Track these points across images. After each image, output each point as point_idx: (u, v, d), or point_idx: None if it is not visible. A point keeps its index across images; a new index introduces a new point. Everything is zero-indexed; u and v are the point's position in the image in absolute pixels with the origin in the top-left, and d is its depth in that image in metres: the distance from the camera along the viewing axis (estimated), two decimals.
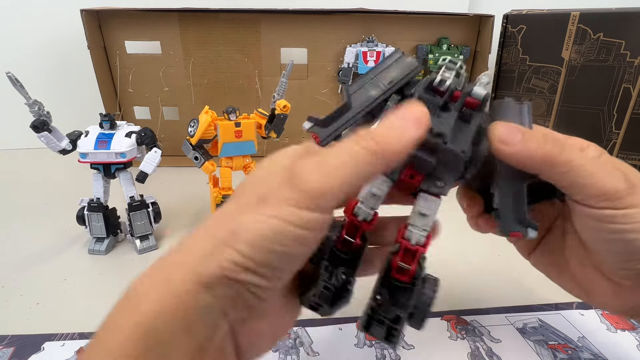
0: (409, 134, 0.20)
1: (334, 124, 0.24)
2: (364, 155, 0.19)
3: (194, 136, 0.52)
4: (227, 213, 0.21)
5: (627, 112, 0.69)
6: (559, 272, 0.29)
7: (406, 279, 0.24)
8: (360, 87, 0.25)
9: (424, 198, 0.25)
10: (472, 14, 0.78)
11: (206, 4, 0.73)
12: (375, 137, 0.19)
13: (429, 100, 0.23)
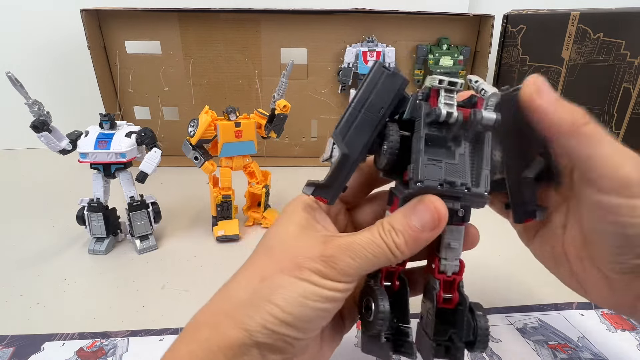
0: (426, 237, 0.23)
1: (337, 183, 0.24)
2: (384, 252, 0.23)
3: (194, 136, 0.52)
4: (262, 267, 0.24)
5: (627, 112, 0.69)
6: (557, 265, 0.29)
7: (450, 306, 0.26)
8: (350, 126, 0.24)
9: (450, 230, 0.25)
10: (472, 14, 0.78)
11: (206, 4, 0.73)
12: (395, 238, 0.23)
13: (436, 138, 0.23)
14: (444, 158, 0.23)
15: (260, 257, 0.25)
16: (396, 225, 0.23)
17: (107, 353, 0.36)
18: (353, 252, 0.23)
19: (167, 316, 0.42)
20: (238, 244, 0.55)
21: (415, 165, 0.22)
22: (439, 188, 0.22)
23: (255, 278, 0.23)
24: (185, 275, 0.48)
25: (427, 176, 0.22)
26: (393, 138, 0.23)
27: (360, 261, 0.23)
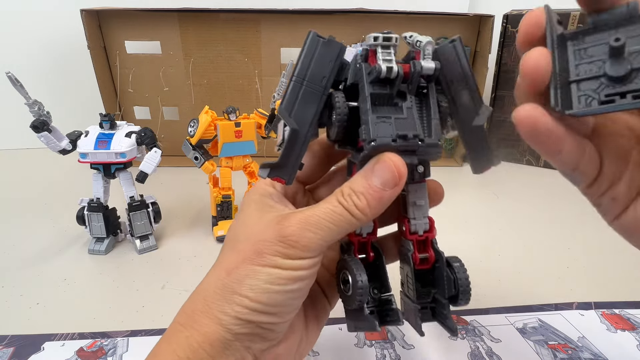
0: (388, 195, 0.22)
1: (291, 160, 0.24)
2: (345, 219, 0.22)
3: (194, 136, 0.52)
4: (228, 261, 0.24)
5: None
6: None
7: (427, 266, 0.26)
8: (295, 100, 0.23)
9: (413, 189, 0.26)
10: (472, 14, 0.78)
11: (206, 4, 0.73)
12: (356, 201, 0.22)
13: (381, 96, 0.23)
14: (393, 114, 0.23)
15: (226, 252, 0.25)
16: (356, 187, 0.22)
17: (107, 353, 0.36)
18: (313, 225, 0.22)
19: (167, 316, 0.41)
20: None
21: (365, 126, 0.22)
22: (393, 144, 0.22)
23: (222, 273, 0.23)
24: (185, 275, 0.48)
25: (379, 134, 0.22)
26: (340, 106, 0.23)
27: (322, 233, 0.22)
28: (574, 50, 0.20)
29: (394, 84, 0.23)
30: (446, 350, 0.36)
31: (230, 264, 0.23)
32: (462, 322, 0.40)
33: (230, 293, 0.22)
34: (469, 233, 0.57)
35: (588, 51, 0.19)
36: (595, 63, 0.19)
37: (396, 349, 0.36)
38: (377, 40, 0.22)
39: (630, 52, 0.18)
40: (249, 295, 0.22)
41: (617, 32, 0.18)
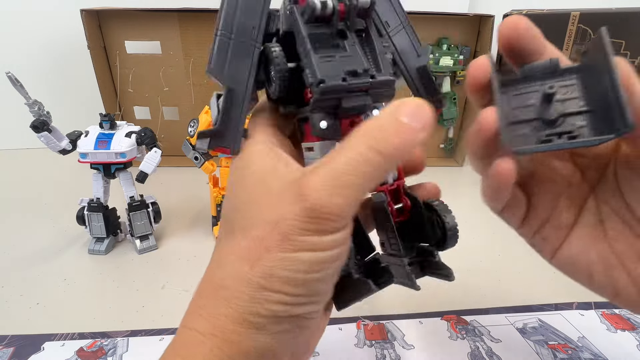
0: (419, 139, 0.18)
1: (231, 124, 0.21)
2: (374, 169, 0.18)
3: (194, 136, 0.52)
4: (244, 250, 0.19)
5: None
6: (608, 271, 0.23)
7: (406, 216, 0.24)
8: (225, 57, 0.21)
9: None
10: (472, 14, 0.78)
11: (206, 4, 0.73)
12: (389, 142, 0.18)
13: (320, 36, 0.21)
14: (336, 53, 0.21)
15: (235, 237, 0.20)
16: (387, 125, 0.18)
17: (107, 353, 0.36)
18: (342, 185, 0.18)
19: (167, 316, 0.42)
20: None
21: (310, 69, 0.20)
22: (343, 83, 0.20)
23: (242, 267, 0.19)
24: (185, 275, 0.48)
25: (326, 74, 0.20)
26: (277, 55, 0.21)
27: (354, 192, 0.18)
28: (511, 96, 0.21)
29: (331, 21, 0.21)
30: (446, 350, 0.36)
31: (249, 254, 0.19)
32: (462, 322, 0.40)
33: (260, 290, 0.19)
34: (469, 233, 0.57)
35: (521, 97, 0.21)
36: (528, 108, 0.21)
37: (396, 349, 0.36)
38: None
39: (557, 100, 0.20)
40: (285, 289, 0.18)
41: (544, 82, 0.21)
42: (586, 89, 0.20)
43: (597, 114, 0.19)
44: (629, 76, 0.19)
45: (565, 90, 0.20)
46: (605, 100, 0.19)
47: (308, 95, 0.22)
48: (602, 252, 0.24)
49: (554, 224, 0.25)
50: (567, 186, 0.25)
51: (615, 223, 0.24)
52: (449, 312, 0.41)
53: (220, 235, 0.22)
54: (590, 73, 0.20)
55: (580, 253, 0.24)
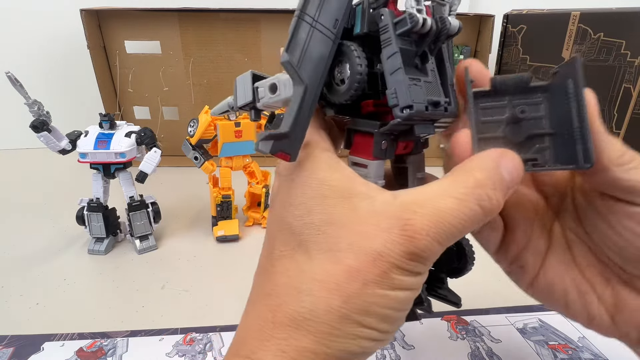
0: (511, 193, 0.19)
1: (299, 128, 0.18)
2: (471, 223, 0.18)
3: (194, 136, 0.52)
4: (333, 276, 0.18)
5: (628, 112, 0.68)
6: (581, 297, 0.24)
7: None
8: (303, 47, 0.18)
9: (414, 161, 0.23)
10: (473, 14, 0.78)
11: (206, 3, 0.73)
12: (492, 194, 0.18)
13: (406, 53, 0.19)
14: (421, 76, 0.19)
15: (315, 260, 0.18)
16: (488, 179, 0.18)
17: (107, 353, 0.36)
18: (445, 236, 0.17)
19: (167, 316, 0.41)
20: (238, 244, 0.55)
21: (398, 88, 0.18)
22: (426, 112, 0.19)
23: (333, 299, 0.17)
24: (185, 275, 0.48)
25: (414, 99, 0.18)
26: (361, 62, 0.18)
27: (451, 242, 0.18)
28: (481, 108, 0.21)
29: (422, 40, 0.19)
30: (446, 350, 0.36)
31: (342, 286, 0.17)
32: (462, 322, 0.40)
33: (353, 326, 0.17)
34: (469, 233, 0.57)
35: (490, 111, 0.21)
36: (497, 124, 0.21)
37: (396, 349, 0.36)
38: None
39: (526, 118, 0.20)
40: (379, 327, 0.18)
41: (513, 98, 0.20)
42: (552, 109, 0.20)
43: (561, 139, 0.20)
44: (595, 113, 0.19)
45: (533, 109, 0.20)
46: (569, 126, 0.19)
47: (369, 107, 0.20)
48: (575, 278, 0.24)
49: (531, 251, 0.25)
50: (535, 212, 0.25)
51: (580, 249, 0.24)
52: (449, 312, 0.41)
53: (282, 249, 0.19)
54: (558, 95, 0.20)
55: (555, 280, 0.24)
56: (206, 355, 0.36)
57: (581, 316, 0.24)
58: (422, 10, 0.18)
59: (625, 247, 0.21)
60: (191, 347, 0.37)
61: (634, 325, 0.23)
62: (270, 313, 0.18)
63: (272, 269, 0.20)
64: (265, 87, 0.21)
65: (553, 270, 0.25)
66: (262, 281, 0.20)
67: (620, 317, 0.23)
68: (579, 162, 0.19)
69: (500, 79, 0.21)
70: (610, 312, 0.23)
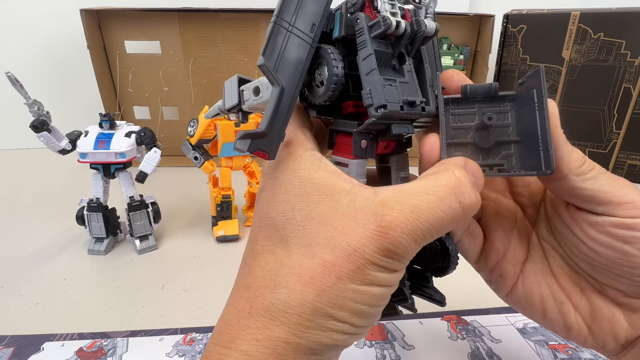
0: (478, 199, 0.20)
1: (275, 128, 0.19)
2: (451, 220, 0.18)
3: (194, 136, 0.52)
4: (312, 274, 0.18)
5: (628, 112, 0.68)
6: (559, 306, 0.24)
7: None
8: (280, 50, 0.19)
9: (397, 160, 0.23)
10: (473, 14, 0.78)
11: (206, 3, 0.73)
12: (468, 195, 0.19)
13: (382, 55, 0.19)
14: (396, 77, 0.20)
15: (293, 255, 0.18)
16: (465, 177, 0.19)
17: (107, 353, 0.36)
18: (422, 234, 0.18)
19: (167, 316, 0.41)
20: (238, 244, 0.55)
21: (372, 88, 0.19)
22: (401, 112, 0.19)
23: (307, 292, 0.18)
24: (185, 275, 0.48)
25: (388, 99, 0.19)
26: (337, 64, 0.19)
27: (429, 240, 0.18)
28: (452, 114, 0.22)
29: (398, 42, 0.20)
30: (446, 350, 0.36)
31: (316, 279, 0.18)
32: (462, 322, 0.40)
33: (327, 319, 0.18)
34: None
35: (460, 117, 0.22)
36: (466, 130, 0.22)
37: (396, 349, 0.36)
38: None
39: (494, 126, 0.21)
40: (352, 321, 0.18)
41: (482, 105, 0.21)
42: (518, 118, 0.21)
43: (525, 146, 0.21)
44: (556, 122, 0.20)
45: (500, 117, 0.21)
46: (533, 134, 0.20)
47: (349, 108, 0.21)
48: (552, 287, 0.24)
49: (510, 260, 0.26)
50: (514, 222, 0.26)
51: (555, 259, 0.25)
52: (449, 313, 0.41)
53: (264, 244, 0.20)
54: (523, 104, 0.21)
55: (533, 289, 0.25)
56: None
57: (558, 326, 0.24)
58: (397, 13, 0.19)
59: (591, 256, 0.22)
60: (191, 347, 0.37)
61: (610, 335, 0.23)
62: (247, 304, 0.19)
63: (253, 262, 0.20)
64: (249, 89, 0.21)
65: (531, 279, 0.25)
66: (243, 275, 0.21)
67: (596, 327, 0.23)
68: (541, 168, 0.20)
69: (471, 87, 0.22)
70: (587, 321, 0.24)
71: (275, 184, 0.20)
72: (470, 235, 0.26)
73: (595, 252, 0.22)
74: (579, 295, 0.24)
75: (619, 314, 0.23)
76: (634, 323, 0.22)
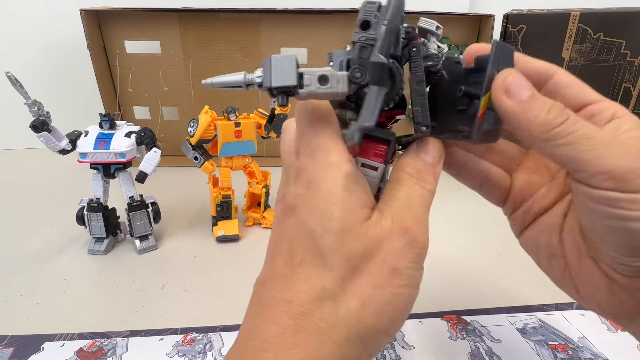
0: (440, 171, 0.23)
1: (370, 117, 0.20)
2: (429, 201, 0.22)
3: (194, 136, 0.52)
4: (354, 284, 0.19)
5: None
6: (550, 258, 0.25)
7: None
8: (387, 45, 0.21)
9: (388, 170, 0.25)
10: (472, 14, 0.78)
11: (206, 3, 0.73)
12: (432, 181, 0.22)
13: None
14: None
15: (333, 269, 0.19)
16: (421, 167, 0.22)
17: (107, 353, 0.36)
18: (423, 216, 0.21)
19: (167, 316, 0.41)
20: (238, 244, 0.55)
21: (423, 110, 0.22)
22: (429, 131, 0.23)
23: (353, 303, 0.19)
24: (185, 275, 0.48)
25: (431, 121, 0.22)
26: (402, 86, 0.22)
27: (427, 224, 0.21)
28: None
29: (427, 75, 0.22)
30: (446, 350, 0.36)
31: (362, 290, 0.19)
32: (462, 322, 0.40)
33: (369, 332, 0.19)
34: (469, 233, 0.57)
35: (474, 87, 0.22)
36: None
37: (396, 349, 0.36)
38: (432, 27, 0.22)
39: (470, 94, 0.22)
40: (390, 330, 0.20)
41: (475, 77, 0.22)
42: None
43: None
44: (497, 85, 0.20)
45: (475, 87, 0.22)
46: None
47: (381, 117, 0.23)
48: (552, 239, 0.25)
49: (526, 209, 0.27)
50: (551, 179, 0.26)
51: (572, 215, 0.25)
52: (449, 312, 0.41)
53: (303, 255, 0.20)
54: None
55: (539, 237, 0.26)
56: (206, 355, 0.36)
57: (551, 276, 0.26)
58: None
59: (585, 225, 0.22)
60: (191, 347, 0.37)
61: (595, 303, 0.24)
62: (292, 320, 0.19)
63: (292, 275, 0.20)
64: (313, 75, 0.21)
65: (539, 227, 0.26)
66: (280, 287, 0.20)
67: (583, 290, 0.24)
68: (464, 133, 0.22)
69: (482, 57, 0.22)
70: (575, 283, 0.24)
71: (315, 192, 0.20)
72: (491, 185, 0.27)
73: (589, 222, 0.21)
74: (575, 257, 0.24)
75: (603, 283, 0.22)
76: (617, 295, 0.22)
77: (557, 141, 0.19)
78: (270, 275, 0.21)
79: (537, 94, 0.20)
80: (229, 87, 0.22)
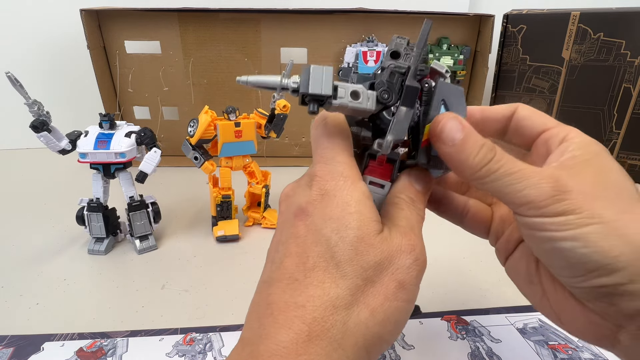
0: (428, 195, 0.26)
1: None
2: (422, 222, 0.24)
3: (194, 136, 0.52)
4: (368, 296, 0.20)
5: (628, 112, 0.68)
6: (529, 284, 0.25)
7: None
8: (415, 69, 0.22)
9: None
10: (472, 14, 0.78)
11: (206, 3, 0.73)
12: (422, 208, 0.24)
13: None
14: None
15: (347, 277, 0.20)
16: (413, 195, 0.24)
17: (107, 353, 0.36)
18: (422, 241, 0.22)
19: (167, 316, 0.41)
20: (238, 244, 0.55)
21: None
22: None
23: (364, 312, 0.20)
24: (185, 275, 0.48)
25: None
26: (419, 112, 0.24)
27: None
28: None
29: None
30: (446, 350, 0.36)
31: (371, 301, 0.20)
32: (462, 322, 0.40)
33: (375, 340, 0.20)
34: (469, 233, 0.57)
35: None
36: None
37: (396, 349, 0.36)
38: (443, 70, 0.23)
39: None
40: (391, 340, 0.21)
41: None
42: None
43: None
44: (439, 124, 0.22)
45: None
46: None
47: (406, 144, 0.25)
48: (529, 267, 0.25)
49: (511, 238, 0.27)
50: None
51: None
52: (449, 312, 0.41)
53: (316, 260, 0.20)
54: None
55: (518, 265, 0.26)
56: (206, 355, 0.36)
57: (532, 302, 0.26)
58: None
59: (534, 251, 0.23)
60: (191, 347, 0.37)
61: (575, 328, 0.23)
62: (305, 326, 0.19)
63: (305, 279, 0.20)
64: (347, 90, 0.22)
65: (519, 254, 0.27)
66: (292, 291, 0.20)
67: (563, 317, 0.24)
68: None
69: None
70: (555, 308, 0.24)
71: (329, 201, 0.21)
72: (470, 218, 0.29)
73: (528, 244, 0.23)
74: (551, 284, 0.24)
75: (579, 309, 0.22)
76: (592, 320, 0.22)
77: (486, 179, 0.21)
78: (277, 276, 0.21)
79: (469, 136, 0.21)
80: (263, 87, 0.23)
